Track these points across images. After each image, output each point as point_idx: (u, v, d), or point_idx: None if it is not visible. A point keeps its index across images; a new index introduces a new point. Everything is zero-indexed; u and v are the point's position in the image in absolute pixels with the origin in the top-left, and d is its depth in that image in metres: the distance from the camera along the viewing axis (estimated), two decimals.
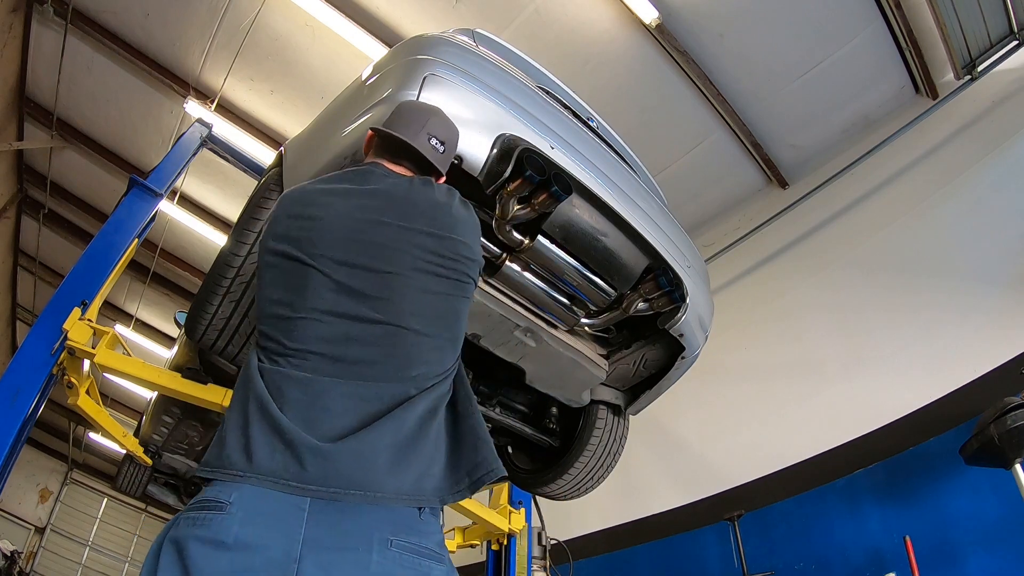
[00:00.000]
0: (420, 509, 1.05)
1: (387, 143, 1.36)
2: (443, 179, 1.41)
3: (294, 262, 1.15)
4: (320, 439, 1.01)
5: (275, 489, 0.97)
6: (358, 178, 1.28)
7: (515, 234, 1.81)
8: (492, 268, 1.92)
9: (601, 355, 2.36)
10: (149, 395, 3.68)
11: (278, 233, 1.19)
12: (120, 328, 8.37)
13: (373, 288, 1.14)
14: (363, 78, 1.83)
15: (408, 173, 1.34)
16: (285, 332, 1.11)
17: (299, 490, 0.97)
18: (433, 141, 1.36)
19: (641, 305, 2.09)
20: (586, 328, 2.21)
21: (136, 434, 3.64)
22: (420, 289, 1.17)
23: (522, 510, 3.59)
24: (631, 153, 2.49)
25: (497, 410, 2.52)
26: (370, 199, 1.23)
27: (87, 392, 2.50)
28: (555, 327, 2.16)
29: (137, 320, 9.21)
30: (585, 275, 1.96)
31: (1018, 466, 2.83)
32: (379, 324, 1.13)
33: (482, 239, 1.83)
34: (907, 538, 3.31)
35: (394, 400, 1.09)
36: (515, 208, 1.71)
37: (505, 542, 3.55)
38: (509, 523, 3.46)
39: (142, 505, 12.41)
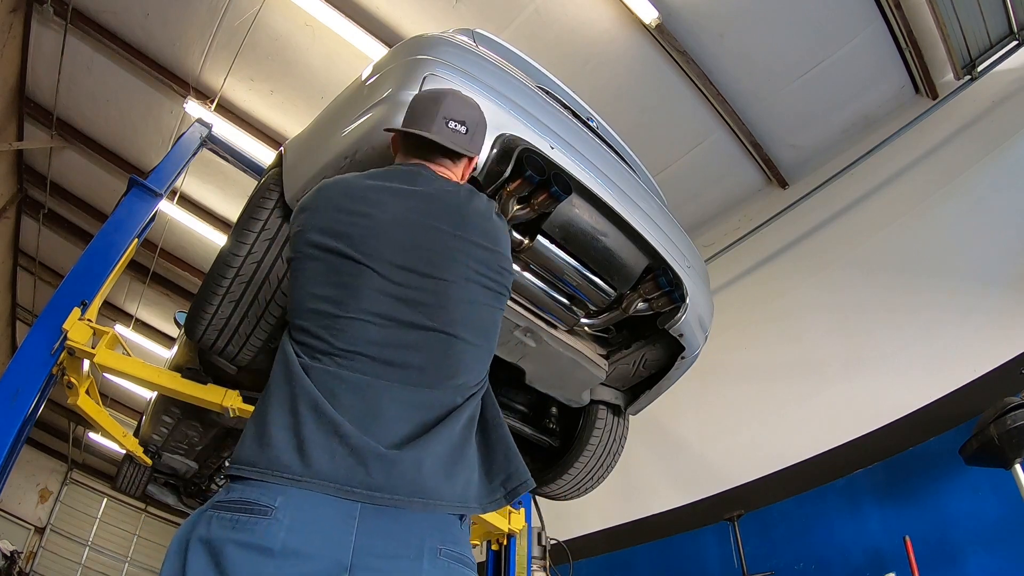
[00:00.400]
0: (461, 517, 1.06)
1: (409, 140, 1.34)
2: (476, 159, 1.39)
3: (345, 259, 1.11)
4: (382, 445, 0.99)
5: (332, 494, 0.93)
6: (408, 178, 1.25)
7: (515, 234, 1.81)
8: None
9: (601, 355, 2.36)
10: (149, 395, 3.68)
11: (324, 226, 1.15)
12: (120, 328, 8.37)
13: (428, 295, 1.12)
14: (363, 78, 1.83)
15: (446, 171, 1.32)
16: (331, 331, 1.07)
17: (362, 496, 0.94)
18: (452, 124, 1.32)
19: (641, 305, 2.09)
20: (586, 328, 2.21)
21: (136, 434, 3.64)
22: (469, 299, 1.17)
23: (522, 510, 3.58)
24: (631, 153, 2.49)
25: None
26: (424, 203, 1.21)
27: (87, 392, 2.50)
28: (555, 327, 2.16)
29: (137, 320, 9.21)
30: (585, 275, 1.96)
31: (1018, 466, 2.83)
32: (431, 331, 1.11)
33: None
34: (907, 538, 3.30)
35: (443, 408, 1.08)
36: (515, 208, 1.72)
37: (505, 542, 3.54)
38: (509, 523, 3.45)
39: (142, 505, 12.40)
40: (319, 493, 0.93)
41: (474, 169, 1.46)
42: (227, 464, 0.99)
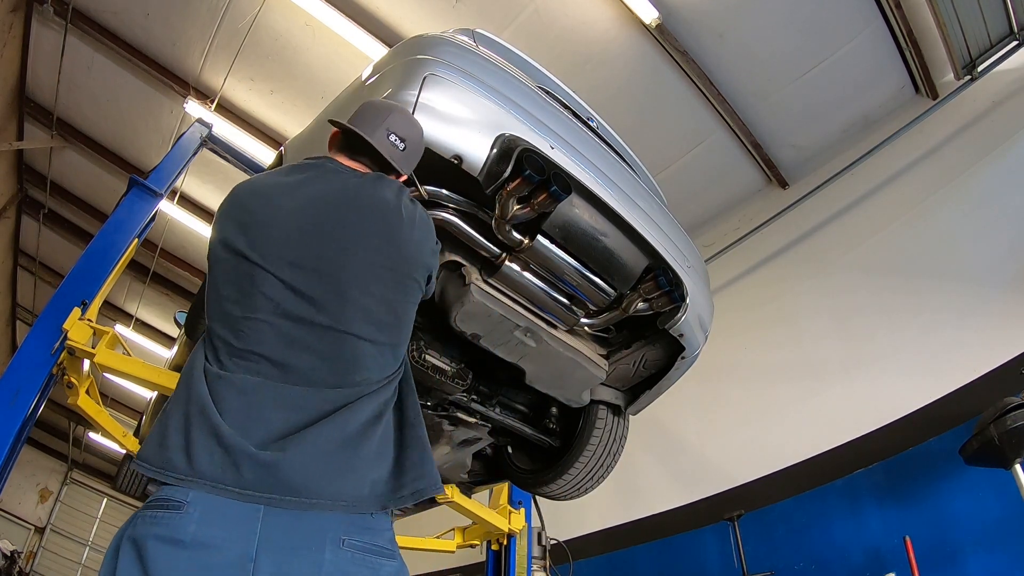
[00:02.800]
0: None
1: (347, 138, 1.35)
2: (404, 177, 1.39)
3: (243, 259, 1.13)
4: (256, 445, 1.01)
5: (217, 495, 0.98)
6: (310, 171, 1.27)
7: (515, 234, 1.81)
8: (492, 268, 1.92)
9: (601, 355, 2.36)
10: (149, 395, 3.68)
11: (227, 228, 1.17)
12: (120, 328, 8.37)
13: (321, 291, 1.13)
14: (363, 78, 1.83)
15: (364, 170, 1.32)
16: (233, 331, 1.10)
17: (239, 495, 0.98)
18: (392, 137, 1.33)
19: (641, 305, 2.09)
20: (586, 328, 2.21)
21: (136, 434, 3.64)
22: (366, 292, 1.16)
23: (522, 510, 3.58)
24: (631, 153, 2.48)
25: (497, 410, 2.51)
26: (319, 196, 1.21)
27: (87, 392, 2.50)
28: (555, 327, 2.16)
29: (137, 320, 9.21)
30: (585, 275, 1.96)
31: (1018, 466, 2.83)
32: (326, 329, 1.12)
33: (482, 239, 1.85)
34: (907, 538, 3.30)
35: (334, 405, 1.08)
36: (515, 208, 1.71)
37: (505, 542, 3.55)
38: (509, 523, 3.45)
39: (142, 505, 12.40)
40: (211, 494, 0.98)
41: (466, 171, 1.47)
42: (135, 462, 1.05)
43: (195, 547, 0.93)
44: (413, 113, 1.54)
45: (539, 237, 1.83)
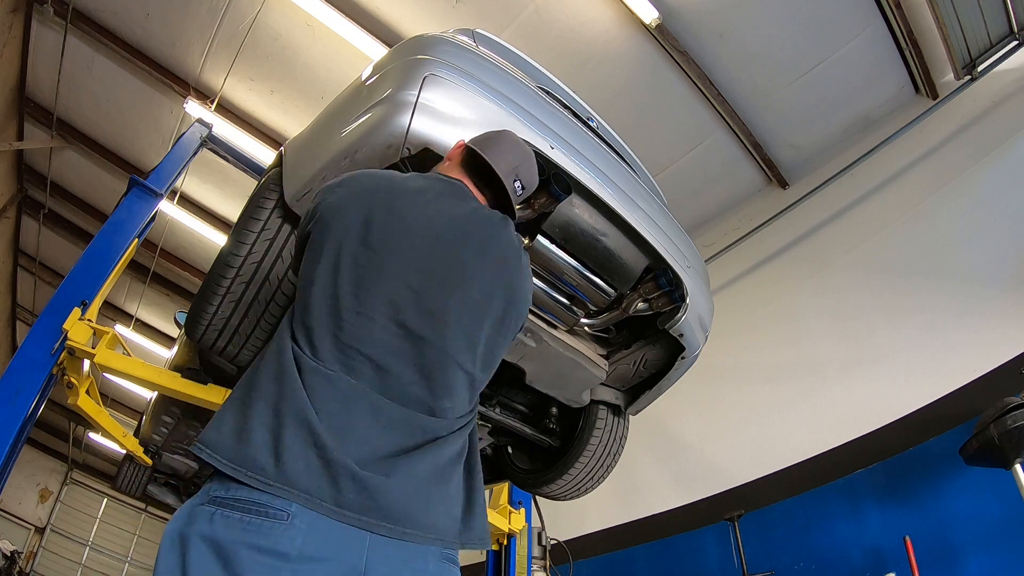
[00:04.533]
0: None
1: (480, 167, 1.33)
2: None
3: (370, 251, 1.09)
4: (357, 463, 0.96)
5: (314, 510, 0.91)
6: (446, 191, 1.25)
7: None
8: None
9: (601, 355, 2.36)
10: (149, 395, 3.68)
11: (358, 212, 1.12)
12: (120, 328, 8.37)
13: (438, 308, 1.10)
14: (363, 78, 1.83)
15: (484, 200, 1.34)
16: (338, 321, 1.04)
17: (338, 515, 0.93)
18: (517, 184, 1.36)
19: (641, 305, 2.09)
20: (586, 328, 2.21)
21: (136, 434, 3.64)
22: (477, 324, 1.15)
23: (522, 510, 3.58)
24: (631, 153, 2.48)
25: (497, 410, 2.52)
26: (459, 218, 1.20)
27: (87, 392, 2.50)
28: (555, 327, 2.16)
29: (137, 320, 9.21)
30: (585, 275, 1.96)
31: (1018, 466, 2.83)
32: (433, 347, 1.08)
33: None
34: (907, 538, 3.31)
35: (428, 434, 1.06)
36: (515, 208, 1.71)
37: (505, 542, 3.54)
38: (509, 523, 3.45)
39: (142, 505, 12.41)
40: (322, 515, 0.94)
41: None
42: (197, 445, 0.94)
43: (302, 561, 0.87)
44: (412, 114, 1.54)
45: (539, 237, 1.83)
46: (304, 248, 1.16)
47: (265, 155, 5.55)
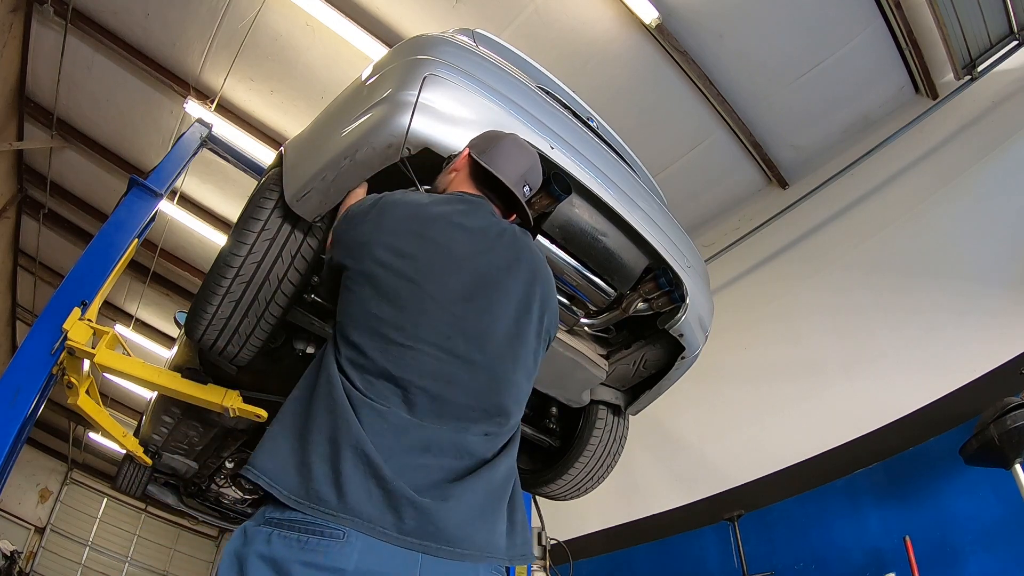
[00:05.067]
0: None
1: (487, 177, 1.35)
2: (513, 217, 1.43)
3: (409, 283, 1.10)
4: (415, 490, 0.99)
5: (375, 537, 0.94)
6: (470, 210, 1.26)
7: None
8: None
9: (601, 355, 2.36)
10: (149, 395, 3.68)
11: (390, 244, 1.14)
12: (120, 328, 8.37)
13: (484, 332, 1.13)
14: (363, 78, 1.83)
15: (498, 211, 1.36)
16: (387, 355, 1.06)
17: (399, 541, 0.95)
18: (526, 188, 1.38)
19: (641, 305, 2.09)
20: (586, 328, 2.21)
21: (136, 434, 3.64)
22: (519, 340, 1.17)
23: None
24: (631, 153, 2.49)
25: None
26: (487, 240, 1.22)
27: (87, 392, 2.50)
28: None
29: (137, 320, 9.21)
30: (585, 275, 1.96)
31: (1018, 466, 2.83)
32: (484, 370, 1.11)
33: None
34: (907, 538, 3.30)
35: (478, 458, 1.08)
36: None
37: None
38: None
39: (142, 505, 12.40)
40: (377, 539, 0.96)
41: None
42: (253, 471, 0.99)
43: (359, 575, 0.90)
44: (412, 114, 1.54)
45: (539, 237, 1.83)
46: (338, 277, 1.19)
47: (265, 155, 5.55)
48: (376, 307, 1.10)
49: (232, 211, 6.88)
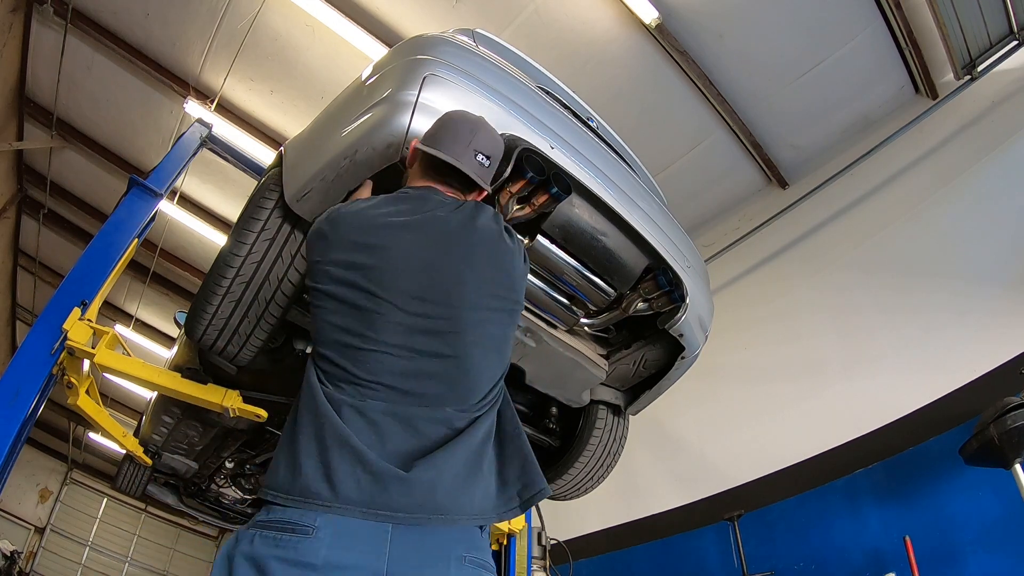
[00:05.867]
0: (481, 526, 1.12)
1: (434, 160, 1.34)
2: (486, 192, 1.41)
3: (362, 292, 1.15)
4: (399, 466, 1.05)
5: (362, 518, 1.00)
6: (417, 205, 1.27)
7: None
8: None
9: (601, 355, 2.36)
10: (149, 395, 3.68)
11: (340, 259, 1.18)
12: (120, 328, 8.37)
13: (443, 323, 1.16)
14: (363, 78, 1.82)
15: (458, 194, 1.35)
16: (355, 362, 1.12)
17: (385, 517, 1.01)
18: (480, 157, 1.35)
19: (641, 305, 2.09)
20: (586, 328, 2.21)
21: (136, 434, 3.64)
22: (481, 321, 1.20)
23: None
24: (631, 153, 2.48)
25: None
26: (434, 230, 1.23)
27: (87, 392, 2.50)
28: (555, 327, 2.16)
29: (137, 320, 9.21)
30: (585, 275, 1.96)
31: (1018, 466, 2.83)
32: (447, 358, 1.15)
33: None
34: (907, 538, 3.31)
35: (457, 427, 1.13)
36: (515, 208, 1.71)
37: (505, 542, 3.54)
38: (509, 523, 3.45)
39: (142, 505, 12.41)
40: (353, 518, 1.01)
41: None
42: (262, 489, 1.07)
43: (327, 569, 0.95)
44: (412, 114, 1.54)
45: (539, 237, 1.83)
46: (311, 297, 1.23)
47: (265, 155, 5.55)
48: (339, 320, 1.15)
49: (232, 211, 6.88)
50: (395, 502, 1.02)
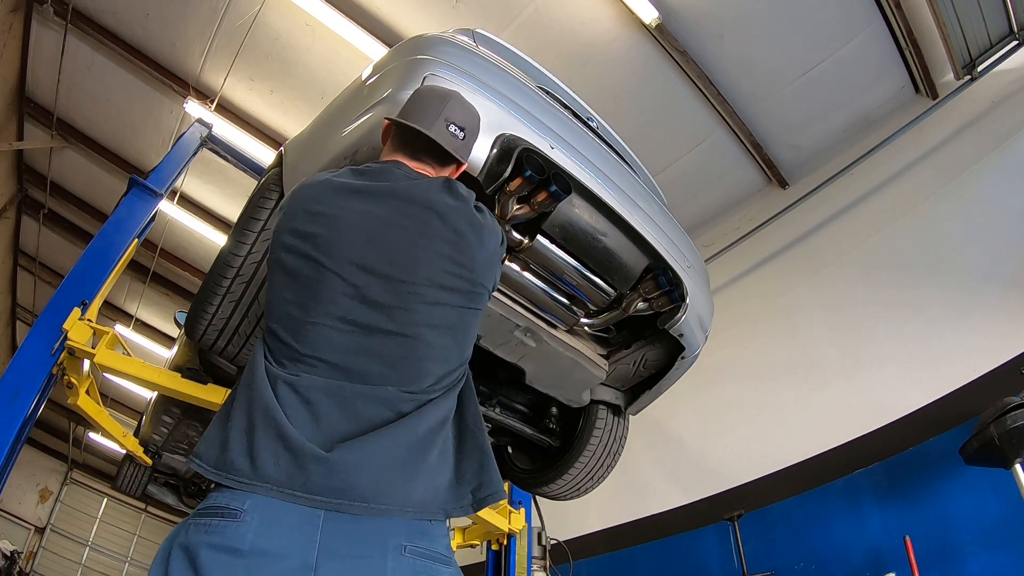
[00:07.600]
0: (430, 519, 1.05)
1: (404, 134, 1.31)
2: (464, 167, 1.36)
3: (310, 261, 1.11)
4: (324, 448, 0.99)
5: (288, 501, 0.96)
6: (376, 175, 1.23)
7: (515, 234, 1.81)
8: None
9: (601, 355, 2.36)
10: (149, 395, 3.68)
11: (293, 228, 1.14)
12: (120, 328, 8.37)
13: (390, 297, 1.11)
14: (363, 78, 1.83)
15: (429, 169, 1.29)
16: (296, 335, 1.08)
17: (306, 500, 0.96)
18: (452, 128, 1.30)
19: (641, 305, 2.09)
20: (586, 328, 2.21)
21: (136, 434, 3.64)
22: (435, 300, 1.14)
23: (522, 510, 3.58)
24: (631, 153, 2.48)
25: (497, 410, 2.52)
26: (389, 201, 1.18)
27: (87, 392, 2.50)
28: (555, 327, 2.16)
29: (137, 320, 9.21)
30: (585, 275, 1.96)
31: (1018, 466, 2.83)
32: (393, 335, 1.10)
33: None
34: (907, 538, 3.31)
35: (401, 410, 1.07)
36: (515, 208, 1.71)
37: (505, 542, 3.55)
38: (509, 523, 3.45)
39: (142, 505, 12.41)
40: (276, 499, 0.96)
41: (466, 171, 1.43)
42: (190, 458, 1.05)
43: (253, 555, 0.91)
44: None
45: (539, 237, 1.83)
46: (267, 271, 1.22)
47: (265, 155, 5.55)
48: (285, 291, 1.12)
49: (232, 211, 6.88)
50: (313, 484, 0.96)
